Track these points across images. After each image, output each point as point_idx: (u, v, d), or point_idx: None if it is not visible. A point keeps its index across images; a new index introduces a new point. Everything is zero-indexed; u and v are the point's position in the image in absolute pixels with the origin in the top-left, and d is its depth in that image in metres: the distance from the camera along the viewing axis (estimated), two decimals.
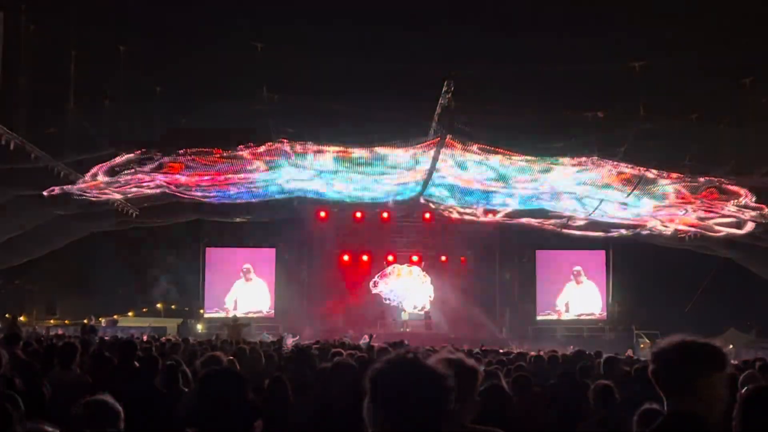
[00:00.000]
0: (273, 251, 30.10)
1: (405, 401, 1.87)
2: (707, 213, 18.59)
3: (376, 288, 29.72)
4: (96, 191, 17.06)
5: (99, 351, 8.53)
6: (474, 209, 21.35)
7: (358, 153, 15.20)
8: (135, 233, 25.37)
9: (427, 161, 15.55)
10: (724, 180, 15.44)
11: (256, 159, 15.74)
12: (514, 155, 14.95)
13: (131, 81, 11.94)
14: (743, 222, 18.56)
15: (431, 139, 14.26)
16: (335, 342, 15.49)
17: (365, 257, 29.79)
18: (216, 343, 14.33)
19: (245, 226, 26.05)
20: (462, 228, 26.97)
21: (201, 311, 30.08)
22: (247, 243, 29.24)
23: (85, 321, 24.34)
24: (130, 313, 32.26)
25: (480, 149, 14.54)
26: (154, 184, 17.41)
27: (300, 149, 15.14)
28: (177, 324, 28.04)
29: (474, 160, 15.23)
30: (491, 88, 11.83)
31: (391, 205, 21.84)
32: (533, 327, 29.80)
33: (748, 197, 16.59)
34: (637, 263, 27.55)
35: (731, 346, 18.18)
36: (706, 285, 26.15)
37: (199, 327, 28.73)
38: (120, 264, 27.90)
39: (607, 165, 15.44)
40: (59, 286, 30.91)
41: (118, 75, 11.72)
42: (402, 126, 13.66)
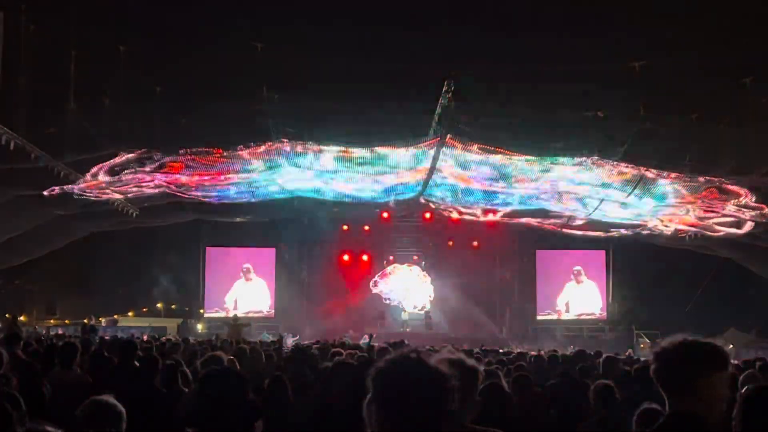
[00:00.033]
0: (273, 251, 30.12)
1: (407, 401, 1.85)
2: (707, 213, 18.60)
3: (376, 288, 29.73)
4: (96, 191, 17.06)
5: (99, 351, 8.55)
6: (474, 209, 21.35)
7: (358, 153, 15.21)
8: (135, 233, 25.35)
9: (428, 161, 15.55)
10: (724, 180, 15.44)
11: (255, 159, 15.74)
12: (514, 155, 14.95)
13: (131, 81, 11.93)
14: (743, 222, 18.56)
15: (431, 139, 14.26)
16: (335, 342, 15.50)
17: (365, 257, 29.80)
18: (216, 343, 14.34)
19: (245, 226, 26.05)
20: (462, 228, 26.99)
21: (201, 311, 30.09)
22: (247, 243, 29.23)
23: (86, 321, 24.35)
24: (130, 313, 32.24)
25: (480, 149, 14.55)
26: (154, 184, 17.42)
27: (300, 149, 15.14)
28: (177, 324, 28.03)
29: (474, 160, 15.23)
30: (491, 88, 11.83)
31: (392, 205, 21.82)
32: (533, 327, 29.80)
33: (748, 197, 16.59)
34: (637, 263, 27.55)
35: (731, 346, 18.16)
36: (706, 285, 26.14)
37: (199, 327, 28.72)
38: (120, 264, 27.86)
39: (607, 165, 15.45)
40: (59, 286, 30.90)
41: (118, 75, 11.71)
42: (402, 126, 13.66)
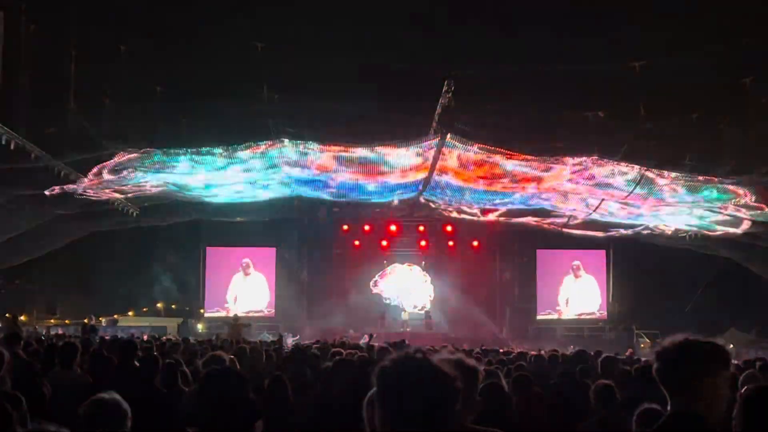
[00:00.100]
0: (273, 251, 30.13)
1: (412, 400, 1.83)
2: (707, 212, 18.60)
3: (376, 288, 29.76)
4: (96, 190, 17.07)
5: (99, 351, 8.56)
6: (474, 209, 21.35)
7: (358, 152, 15.21)
8: (135, 233, 25.37)
9: (428, 160, 15.56)
10: (724, 180, 15.43)
11: (255, 158, 15.74)
12: (514, 155, 14.95)
13: (131, 81, 11.93)
14: (742, 221, 18.57)
15: (431, 139, 14.26)
16: (335, 342, 15.51)
17: (365, 256, 29.81)
18: (216, 343, 14.35)
19: (245, 225, 26.05)
20: (462, 227, 27.02)
21: (201, 311, 30.09)
22: (248, 242, 29.23)
23: (86, 321, 24.37)
24: (130, 313, 32.23)
25: (480, 149, 14.55)
26: (149, 185, 17.44)
27: (300, 149, 15.14)
28: (177, 324, 28.03)
29: (475, 160, 15.24)
30: (491, 88, 11.81)
31: (395, 204, 21.84)
32: (533, 326, 29.81)
33: (747, 197, 16.58)
34: (638, 262, 27.56)
35: (731, 346, 18.16)
36: (706, 285, 26.15)
37: (200, 326, 28.72)
38: (120, 264, 27.88)
39: (608, 165, 15.45)
40: (59, 286, 30.88)
41: (118, 75, 11.71)
42: (402, 125, 13.65)
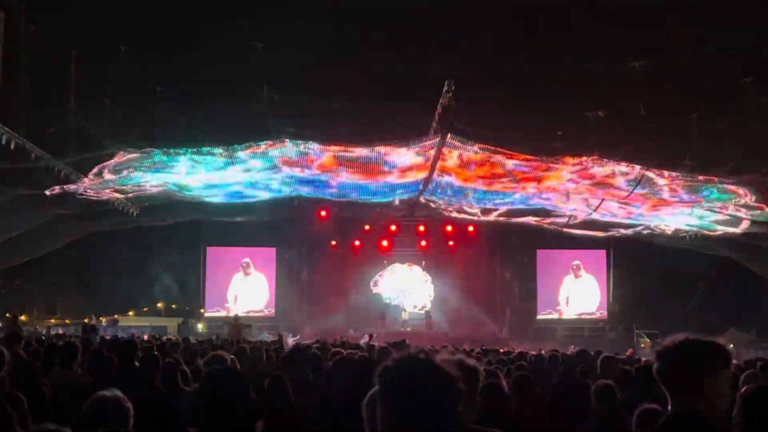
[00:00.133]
0: (273, 250, 30.15)
1: (415, 401, 1.82)
2: (707, 212, 18.60)
3: (376, 288, 29.75)
4: (97, 190, 17.06)
5: (99, 351, 8.56)
6: (474, 209, 21.34)
7: (358, 152, 15.20)
8: (135, 233, 25.37)
9: (428, 160, 15.56)
10: (724, 180, 15.43)
11: (255, 158, 15.74)
12: (514, 155, 14.95)
13: (131, 81, 11.94)
14: (741, 221, 18.57)
15: (431, 139, 14.27)
16: (335, 342, 15.50)
17: (365, 256, 29.81)
18: (217, 343, 14.33)
19: (245, 225, 26.05)
20: (462, 227, 27.01)
21: (201, 310, 30.10)
22: (248, 242, 29.25)
23: (86, 320, 24.33)
24: (130, 313, 32.22)
25: (480, 149, 14.55)
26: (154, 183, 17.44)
27: (301, 148, 15.15)
28: (177, 323, 28.02)
29: (476, 159, 15.24)
30: (491, 88, 11.82)
31: (396, 204, 21.84)
32: (534, 326, 29.81)
33: (747, 197, 16.59)
34: (638, 262, 27.56)
35: (731, 345, 18.15)
36: (706, 285, 26.15)
37: (200, 326, 28.72)
38: (120, 263, 27.88)
39: (608, 165, 15.45)
40: (59, 285, 30.88)
41: (118, 75, 11.72)
42: (402, 125, 13.65)
